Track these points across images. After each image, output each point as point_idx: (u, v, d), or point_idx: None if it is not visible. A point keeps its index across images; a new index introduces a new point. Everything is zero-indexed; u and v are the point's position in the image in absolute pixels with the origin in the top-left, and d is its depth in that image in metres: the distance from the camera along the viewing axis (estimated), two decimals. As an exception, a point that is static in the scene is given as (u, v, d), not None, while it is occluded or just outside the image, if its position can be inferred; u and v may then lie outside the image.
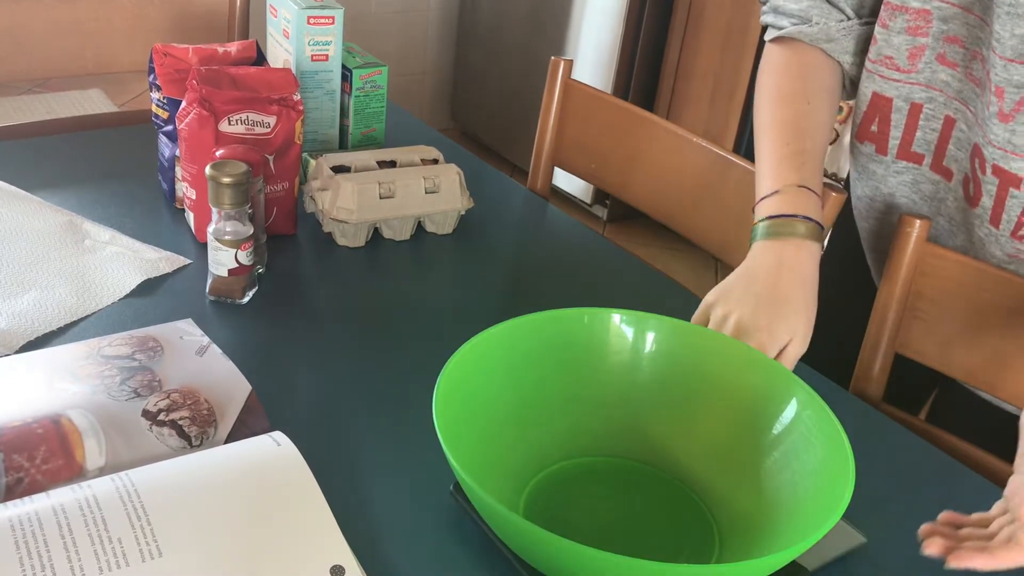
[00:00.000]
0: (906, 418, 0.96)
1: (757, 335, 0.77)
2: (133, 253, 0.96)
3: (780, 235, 0.83)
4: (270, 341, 0.86)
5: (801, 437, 0.68)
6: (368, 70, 1.16)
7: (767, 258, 0.83)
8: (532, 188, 1.32)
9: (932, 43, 0.86)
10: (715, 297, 0.82)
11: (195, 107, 0.93)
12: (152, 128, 1.23)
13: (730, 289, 0.82)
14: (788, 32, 0.93)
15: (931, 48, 0.87)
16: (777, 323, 0.78)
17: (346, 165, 1.05)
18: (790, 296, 0.80)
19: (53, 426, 0.68)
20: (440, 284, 1.00)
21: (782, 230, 0.83)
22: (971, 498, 0.78)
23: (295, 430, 0.74)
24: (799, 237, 0.83)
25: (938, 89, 0.88)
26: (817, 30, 0.92)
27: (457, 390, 0.67)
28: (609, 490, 0.73)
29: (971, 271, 0.91)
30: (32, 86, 1.88)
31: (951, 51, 0.86)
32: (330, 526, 0.63)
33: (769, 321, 0.78)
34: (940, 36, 0.86)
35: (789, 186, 0.85)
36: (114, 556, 0.57)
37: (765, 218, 0.85)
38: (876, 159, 0.96)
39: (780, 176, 0.87)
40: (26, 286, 0.88)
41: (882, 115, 0.93)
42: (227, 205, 0.85)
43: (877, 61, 0.91)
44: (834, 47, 0.93)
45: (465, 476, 0.58)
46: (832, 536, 0.69)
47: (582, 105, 1.29)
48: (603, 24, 2.62)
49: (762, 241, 0.84)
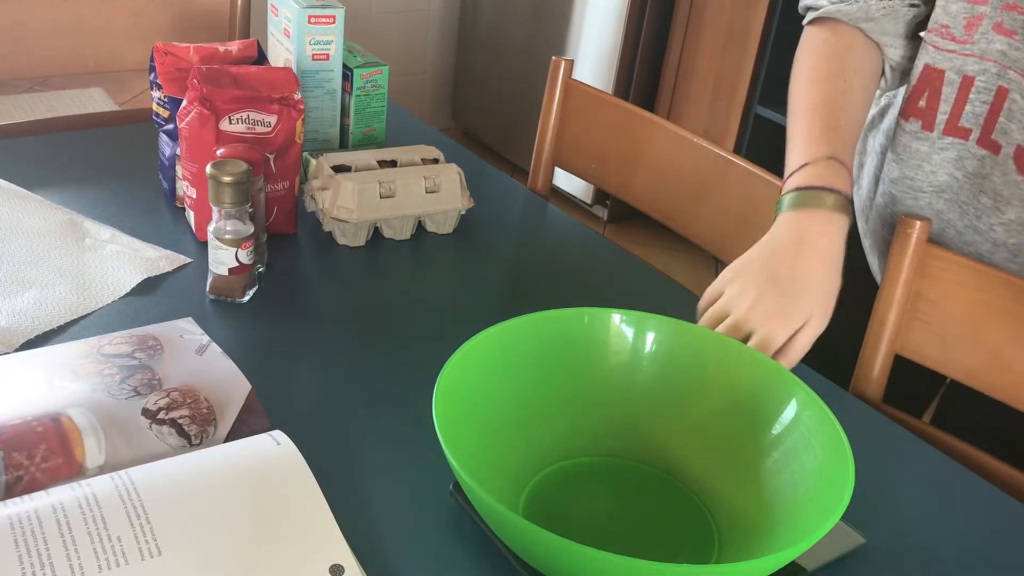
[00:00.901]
0: (906, 419, 0.96)
1: (770, 319, 0.77)
2: (133, 252, 0.96)
3: (806, 206, 0.81)
4: (270, 340, 0.86)
5: (801, 438, 0.68)
6: (369, 69, 1.16)
7: (789, 232, 0.81)
8: (532, 188, 1.32)
9: (990, 12, 0.85)
10: (732, 273, 0.81)
11: (196, 106, 0.93)
12: (153, 127, 1.23)
13: (748, 266, 0.80)
14: (827, 11, 0.91)
15: (989, 17, 0.85)
16: (792, 304, 0.77)
17: (346, 164, 1.05)
18: (808, 275, 0.79)
19: (53, 424, 0.68)
20: (440, 284, 1.00)
21: (808, 201, 0.81)
22: (971, 499, 0.78)
23: (295, 429, 0.74)
24: (826, 209, 0.81)
25: (992, 60, 0.86)
26: (856, 8, 0.90)
27: (457, 390, 0.67)
28: (609, 490, 0.73)
29: (972, 272, 0.91)
30: (33, 84, 1.88)
31: (1009, 19, 0.84)
32: (329, 525, 0.63)
33: (784, 303, 0.77)
34: (999, 4, 0.84)
35: (819, 159, 0.83)
36: (113, 555, 0.57)
37: (792, 189, 0.83)
38: (921, 136, 0.93)
39: (810, 150, 0.85)
40: (26, 284, 0.88)
41: (932, 88, 0.91)
42: (227, 204, 0.85)
43: (933, 31, 0.89)
44: (873, 27, 0.91)
45: (465, 476, 0.58)
46: (831, 537, 0.69)
47: (583, 105, 1.29)
48: (604, 24, 2.62)
49: (787, 212, 0.82)
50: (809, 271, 0.79)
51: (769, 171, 1.10)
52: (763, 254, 0.81)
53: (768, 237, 0.82)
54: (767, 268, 0.79)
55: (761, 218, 1.08)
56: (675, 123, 1.22)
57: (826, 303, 0.79)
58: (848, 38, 0.92)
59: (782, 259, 0.79)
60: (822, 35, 0.93)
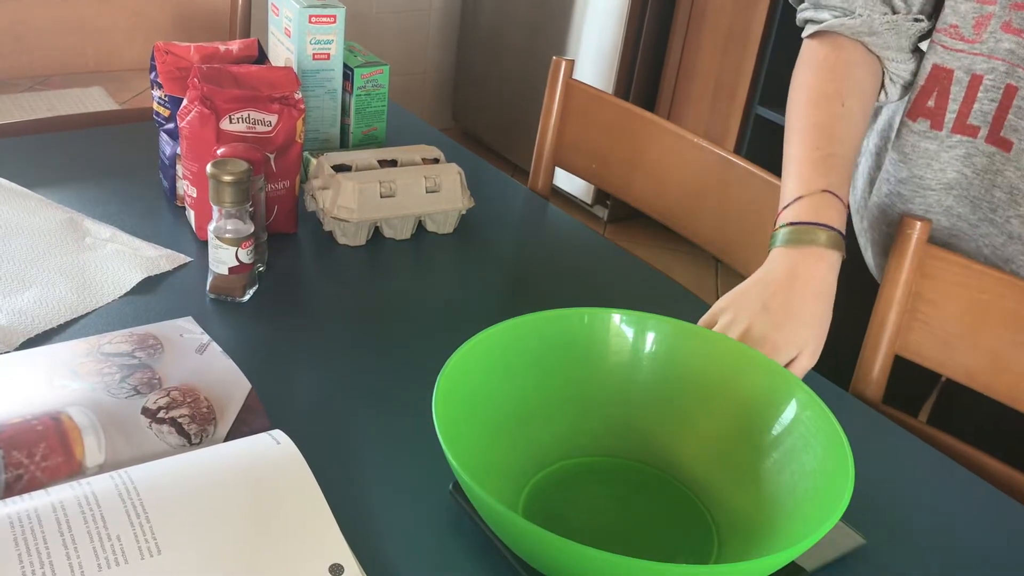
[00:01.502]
0: (905, 420, 0.96)
1: (762, 348, 0.77)
2: (133, 251, 0.96)
3: (799, 243, 0.82)
4: (270, 340, 0.86)
5: (800, 438, 0.68)
6: (370, 69, 1.16)
7: (782, 267, 0.81)
8: (533, 188, 1.33)
9: (999, 11, 0.85)
10: (726, 303, 0.81)
11: (196, 105, 0.93)
12: (153, 126, 1.23)
13: (741, 297, 0.81)
14: (829, 25, 0.90)
15: (997, 16, 0.85)
16: (784, 337, 0.78)
17: (347, 164, 1.05)
18: (801, 310, 0.79)
19: (53, 423, 0.68)
20: (440, 284, 1.00)
21: (802, 238, 0.82)
22: (970, 500, 0.78)
23: (295, 428, 0.74)
24: (819, 246, 0.81)
25: (1000, 58, 0.86)
26: (860, 22, 0.89)
27: (457, 389, 0.68)
28: (608, 490, 0.73)
29: (972, 273, 0.91)
30: (33, 83, 1.88)
31: (1017, 18, 0.84)
32: (329, 524, 0.63)
33: (776, 335, 0.78)
34: (1008, 3, 0.84)
35: (814, 192, 0.84)
36: (113, 553, 0.57)
37: (785, 224, 0.83)
38: (929, 136, 0.93)
39: (805, 181, 0.85)
40: (27, 283, 0.88)
41: (941, 88, 0.91)
42: (228, 203, 0.85)
43: (941, 31, 0.88)
44: (876, 41, 0.90)
45: (464, 475, 0.58)
46: (831, 537, 0.69)
47: (583, 105, 1.29)
48: (605, 25, 2.62)
49: (780, 248, 0.83)
50: (802, 305, 0.80)
51: (769, 171, 1.10)
52: (757, 287, 0.81)
53: (762, 271, 0.83)
54: (760, 299, 0.80)
55: (761, 219, 1.08)
56: (675, 123, 1.22)
57: (819, 336, 0.80)
58: (848, 53, 0.91)
59: (775, 293, 0.80)
60: (823, 51, 0.92)
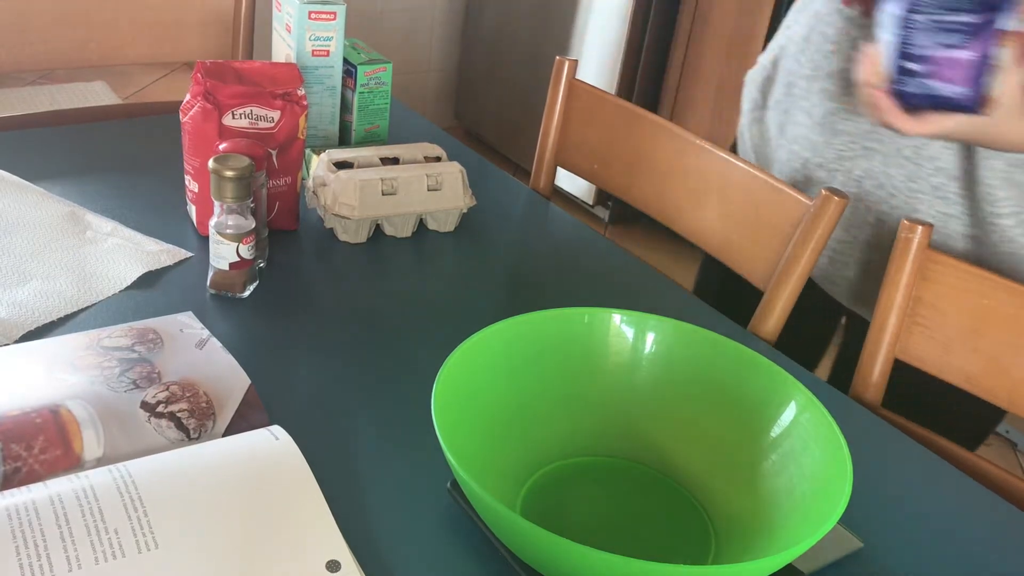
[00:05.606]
0: (904, 423, 0.96)
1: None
2: (134, 245, 0.96)
3: None
4: (270, 336, 0.86)
5: (799, 440, 0.68)
6: (373, 66, 1.16)
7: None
8: (535, 188, 1.32)
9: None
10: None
11: (199, 100, 0.93)
12: (153, 120, 1.23)
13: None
14: None
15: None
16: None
17: (349, 161, 1.05)
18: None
19: (51, 416, 0.68)
20: (441, 282, 0.99)
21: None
22: (968, 503, 0.78)
23: (293, 425, 0.74)
24: None
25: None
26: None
27: (456, 388, 0.68)
28: (606, 490, 0.73)
29: (972, 277, 0.91)
30: (36, 78, 1.88)
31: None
32: (327, 521, 0.63)
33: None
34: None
35: None
36: (110, 547, 0.57)
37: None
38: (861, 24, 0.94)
39: None
40: (27, 276, 0.88)
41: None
42: (229, 199, 0.85)
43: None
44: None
45: (463, 474, 0.58)
46: (829, 540, 0.69)
47: (586, 105, 1.29)
48: (608, 25, 2.62)
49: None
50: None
51: (771, 175, 1.10)
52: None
53: None
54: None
55: (763, 221, 1.08)
56: (678, 125, 1.22)
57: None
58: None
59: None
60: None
